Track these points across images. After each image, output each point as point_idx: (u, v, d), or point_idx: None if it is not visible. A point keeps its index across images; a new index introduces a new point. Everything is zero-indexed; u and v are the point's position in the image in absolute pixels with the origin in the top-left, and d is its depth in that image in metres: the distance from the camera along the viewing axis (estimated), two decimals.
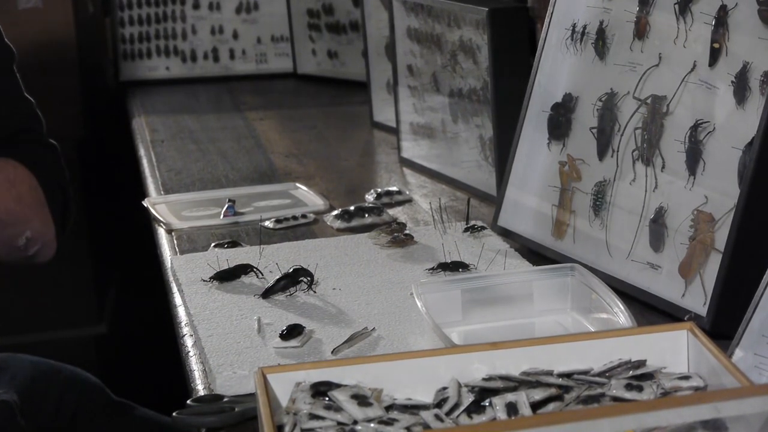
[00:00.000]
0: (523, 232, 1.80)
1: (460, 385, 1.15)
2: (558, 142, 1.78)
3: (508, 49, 2.00)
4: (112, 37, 3.36)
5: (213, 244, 1.88)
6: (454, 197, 2.11)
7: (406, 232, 1.84)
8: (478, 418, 1.12)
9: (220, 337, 1.51)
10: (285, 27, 3.30)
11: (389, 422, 1.09)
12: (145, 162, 2.51)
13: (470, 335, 1.49)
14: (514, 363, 1.18)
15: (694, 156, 1.52)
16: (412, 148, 2.35)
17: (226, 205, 2.04)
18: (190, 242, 1.92)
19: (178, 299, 1.66)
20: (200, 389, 1.39)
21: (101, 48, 3.46)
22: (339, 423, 1.09)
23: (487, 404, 1.13)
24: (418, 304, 1.48)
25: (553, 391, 1.13)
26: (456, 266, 1.69)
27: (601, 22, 1.71)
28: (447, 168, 2.21)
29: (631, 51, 1.65)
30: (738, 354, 1.24)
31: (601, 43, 1.71)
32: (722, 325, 1.40)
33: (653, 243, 1.57)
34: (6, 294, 3.03)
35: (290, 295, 1.63)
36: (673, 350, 1.19)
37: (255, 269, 1.69)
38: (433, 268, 1.70)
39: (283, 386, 1.15)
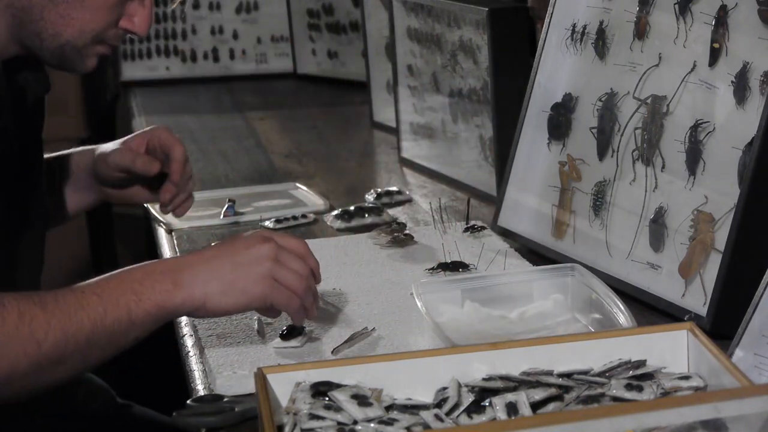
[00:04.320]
0: (523, 232, 1.80)
1: (460, 385, 1.15)
2: (558, 142, 1.78)
3: (508, 49, 2.00)
4: None
5: (213, 245, 1.87)
6: (454, 197, 2.11)
7: (406, 232, 1.84)
8: (478, 418, 1.12)
9: (220, 337, 1.51)
10: (285, 27, 3.31)
11: (389, 422, 1.09)
12: None
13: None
14: (514, 363, 1.18)
15: (694, 156, 1.52)
16: (412, 148, 2.35)
17: (226, 205, 2.04)
18: (190, 242, 1.92)
19: None
20: (200, 389, 1.39)
21: None
22: (339, 423, 1.09)
23: (487, 404, 1.13)
24: (418, 304, 1.48)
25: (553, 391, 1.13)
26: (456, 266, 1.69)
27: (601, 22, 1.71)
28: (447, 168, 2.22)
29: (631, 51, 1.65)
30: (738, 354, 1.24)
31: (601, 43, 1.71)
32: (722, 325, 1.40)
33: (653, 243, 1.57)
34: None
35: None
36: (673, 350, 1.19)
37: None
38: (433, 268, 1.70)
39: (283, 386, 1.15)
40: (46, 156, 1.70)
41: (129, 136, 1.77)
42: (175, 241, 1.93)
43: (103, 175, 1.75)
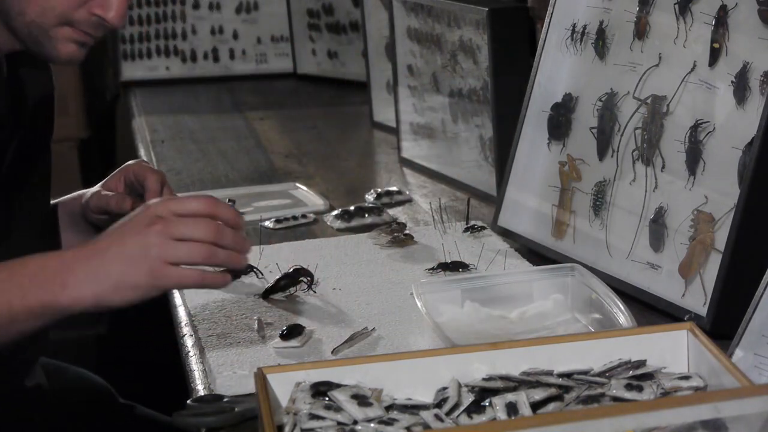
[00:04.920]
0: (523, 232, 1.80)
1: (460, 385, 1.15)
2: (558, 142, 1.78)
3: (508, 49, 2.00)
4: (112, 37, 3.36)
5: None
6: (454, 197, 2.11)
7: (406, 232, 1.84)
8: (478, 418, 1.12)
9: (220, 337, 1.51)
10: (285, 27, 3.31)
11: (389, 422, 1.09)
12: None
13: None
14: (514, 363, 1.18)
15: (694, 156, 1.52)
16: (412, 148, 2.35)
17: None
18: None
19: (178, 299, 1.66)
20: (200, 389, 1.39)
21: (101, 48, 3.46)
22: (339, 423, 1.09)
23: (487, 404, 1.13)
24: (418, 304, 1.48)
25: (553, 391, 1.13)
26: (456, 266, 1.69)
27: (601, 22, 1.71)
28: (447, 168, 2.22)
29: (631, 51, 1.65)
30: (738, 354, 1.24)
31: (601, 43, 1.71)
32: (722, 325, 1.40)
33: (653, 243, 1.57)
34: None
35: (290, 295, 1.63)
36: (673, 350, 1.19)
37: (255, 269, 1.69)
38: (433, 268, 1.70)
39: (283, 386, 1.15)
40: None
41: (107, 177, 1.73)
42: None
43: (91, 221, 1.73)
